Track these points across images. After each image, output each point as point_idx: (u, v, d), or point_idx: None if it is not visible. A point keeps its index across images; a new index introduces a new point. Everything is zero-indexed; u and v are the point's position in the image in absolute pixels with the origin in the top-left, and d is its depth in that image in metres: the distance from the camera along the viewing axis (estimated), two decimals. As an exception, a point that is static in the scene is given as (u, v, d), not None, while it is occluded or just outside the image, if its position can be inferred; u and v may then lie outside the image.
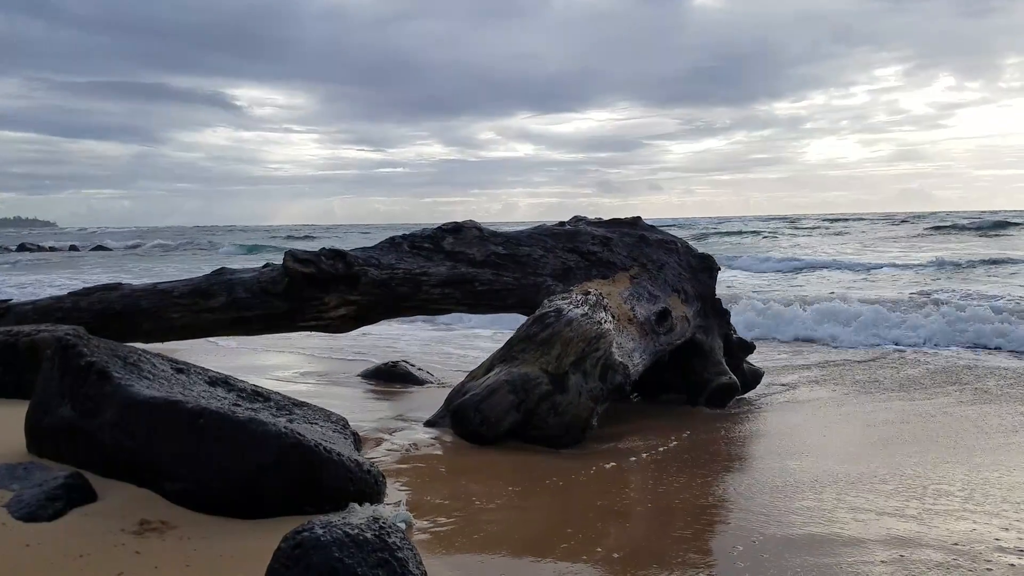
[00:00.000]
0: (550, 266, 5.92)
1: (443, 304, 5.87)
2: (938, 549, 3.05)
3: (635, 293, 5.78)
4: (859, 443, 4.78)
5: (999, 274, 17.05)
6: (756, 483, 4.06)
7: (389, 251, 5.78)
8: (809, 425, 5.32)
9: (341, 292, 5.56)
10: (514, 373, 4.69)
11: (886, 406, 5.89)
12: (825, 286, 15.79)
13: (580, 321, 4.95)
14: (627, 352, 5.14)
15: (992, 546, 3.08)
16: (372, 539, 2.41)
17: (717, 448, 4.89)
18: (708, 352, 5.95)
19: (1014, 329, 8.69)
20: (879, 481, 4.00)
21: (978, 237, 30.41)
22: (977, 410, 5.68)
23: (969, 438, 4.89)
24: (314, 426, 3.70)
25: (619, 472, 4.31)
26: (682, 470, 4.35)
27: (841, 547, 3.09)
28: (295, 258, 5.43)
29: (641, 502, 3.93)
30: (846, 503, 3.67)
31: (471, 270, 5.80)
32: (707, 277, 6.24)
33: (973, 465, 4.28)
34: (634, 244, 6.22)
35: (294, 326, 5.71)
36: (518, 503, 3.63)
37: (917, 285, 15.12)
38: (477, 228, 6.06)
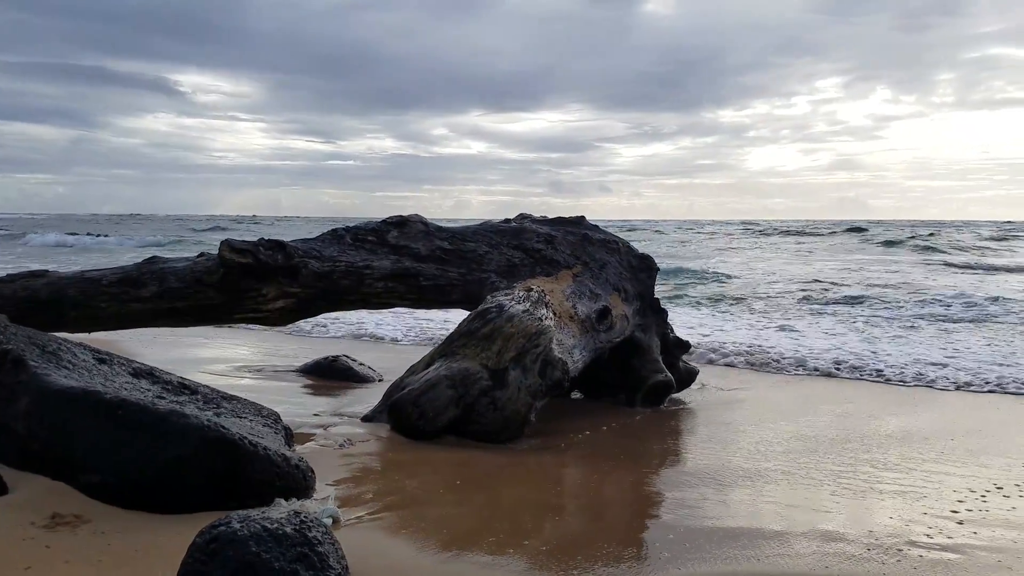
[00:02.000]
0: (495, 262, 5.91)
1: (386, 298, 5.81)
2: (854, 543, 3.13)
3: (577, 291, 5.81)
4: (787, 441, 4.88)
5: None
6: (685, 478, 4.11)
7: (331, 243, 5.70)
8: (740, 423, 5.41)
9: (280, 284, 5.47)
10: (454, 368, 4.67)
11: (815, 407, 6.01)
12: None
13: (521, 317, 4.95)
14: (567, 349, 5.16)
15: (905, 540, 3.17)
16: (292, 533, 2.38)
17: (650, 444, 4.95)
18: (646, 350, 6.00)
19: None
20: (803, 477, 4.09)
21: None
22: (899, 417, 5.85)
23: (893, 440, 5.02)
24: (242, 420, 3.63)
25: (554, 467, 4.33)
26: (615, 466, 4.39)
27: (762, 540, 3.15)
28: (231, 248, 5.32)
29: (573, 497, 3.95)
30: (770, 498, 3.75)
31: (416, 264, 5.76)
32: (647, 277, 6.30)
33: (891, 464, 4.40)
34: (578, 243, 6.25)
35: (230, 318, 5.61)
36: (451, 498, 3.61)
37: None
38: (423, 222, 6.02)
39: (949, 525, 3.39)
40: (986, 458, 4.53)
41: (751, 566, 2.90)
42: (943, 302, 12.61)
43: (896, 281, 17.39)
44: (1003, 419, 5.69)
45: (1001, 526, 3.40)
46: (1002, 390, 6.56)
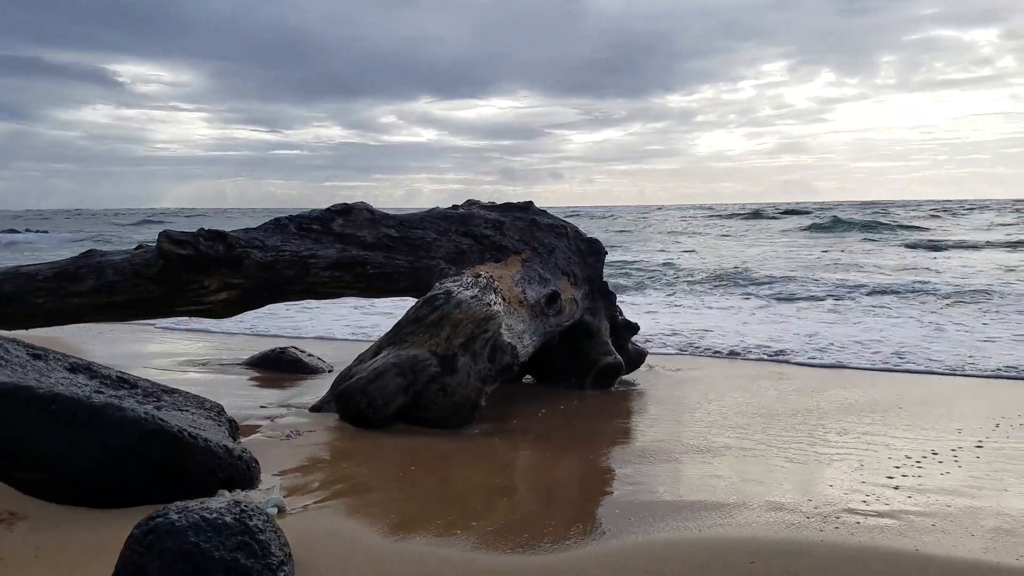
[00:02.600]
0: (443, 249, 5.89)
1: (333, 287, 5.75)
2: (793, 511, 3.20)
3: (526, 276, 5.82)
4: (733, 417, 4.97)
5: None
6: (634, 456, 4.17)
7: (274, 232, 5.62)
8: (687, 402, 5.49)
9: (222, 275, 5.38)
10: (402, 355, 4.65)
11: (760, 385, 6.13)
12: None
13: (470, 303, 4.94)
14: (517, 334, 5.17)
15: (843, 507, 3.26)
16: (232, 523, 2.36)
17: (600, 425, 4.99)
18: (595, 333, 6.05)
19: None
20: (747, 451, 4.18)
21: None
22: (838, 393, 6.01)
23: (835, 413, 5.15)
24: (184, 413, 3.57)
25: (505, 451, 4.35)
26: (566, 447, 4.43)
27: (704, 511, 3.21)
28: (170, 239, 5.21)
29: (523, 479, 3.98)
30: (715, 472, 3.82)
31: (362, 253, 5.70)
32: (595, 261, 6.34)
33: (832, 435, 4.52)
34: (526, 228, 6.26)
35: (171, 311, 5.50)
36: (400, 484, 3.60)
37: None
38: (369, 210, 5.96)
39: (886, 492, 3.49)
40: (924, 427, 4.68)
41: (690, 535, 2.96)
42: (875, 285, 12.95)
43: (833, 262, 17.82)
44: (940, 391, 5.87)
45: (935, 492, 3.51)
46: (928, 371, 6.78)
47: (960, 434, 4.52)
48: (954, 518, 3.17)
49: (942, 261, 17.87)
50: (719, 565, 2.69)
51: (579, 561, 2.74)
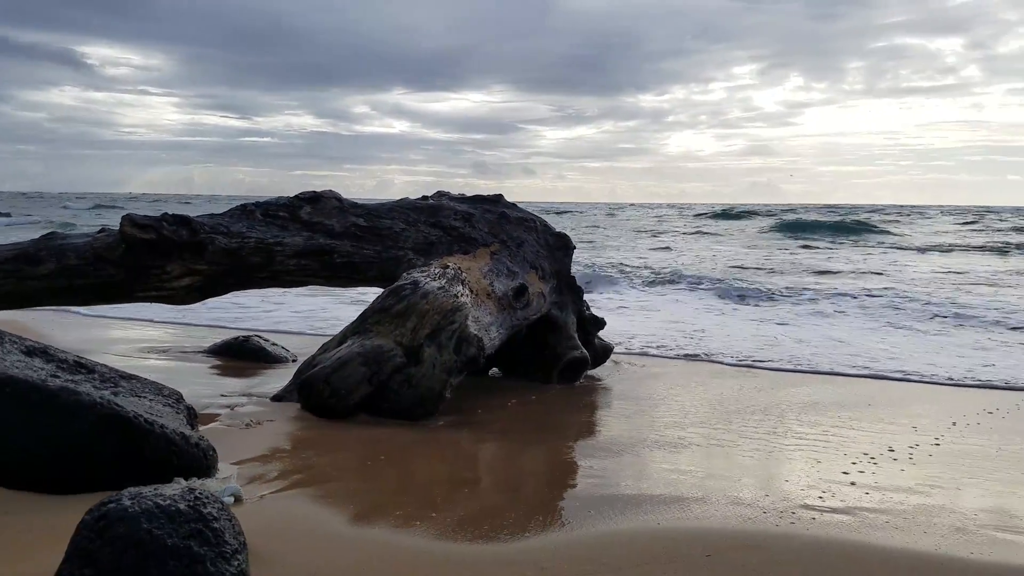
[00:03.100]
0: (412, 240, 5.86)
1: (299, 276, 5.70)
2: (750, 506, 3.24)
3: (495, 269, 5.81)
4: (696, 413, 5.01)
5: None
6: (598, 450, 4.19)
7: (240, 219, 5.55)
8: (652, 397, 5.53)
9: (185, 261, 5.30)
10: (367, 345, 4.62)
11: (723, 383, 6.19)
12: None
13: (436, 294, 4.93)
14: (484, 326, 5.16)
15: (799, 503, 3.30)
16: (185, 510, 2.32)
17: (565, 419, 5.01)
18: (562, 327, 6.06)
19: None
20: (709, 447, 4.23)
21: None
22: (799, 392, 6.09)
23: (794, 413, 5.22)
24: (141, 399, 3.50)
25: (469, 443, 4.35)
26: (530, 440, 4.43)
27: (663, 505, 3.24)
28: (133, 223, 5.12)
29: (487, 471, 3.98)
30: (676, 466, 3.86)
31: (330, 241, 5.65)
32: (563, 255, 6.35)
33: (792, 432, 4.58)
34: (495, 221, 6.24)
35: (132, 296, 5.40)
36: (361, 474, 3.59)
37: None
38: (337, 199, 5.91)
39: (843, 488, 3.54)
40: (882, 426, 4.75)
41: (648, 528, 2.99)
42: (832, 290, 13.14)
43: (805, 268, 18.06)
44: (899, 394, 5.97)
45: (890, 488, 3.57)
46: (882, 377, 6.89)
47: (917, 432, 4.60)
48: (908, 515, 3.23)
49: (904, 266, 18.18)
50: (676, 557, 2.71)
51: (536, 552, 2.74)
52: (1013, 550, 2.92)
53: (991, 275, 15.51)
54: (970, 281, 14.07)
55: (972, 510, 3.33)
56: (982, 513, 3.29)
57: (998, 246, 23.37)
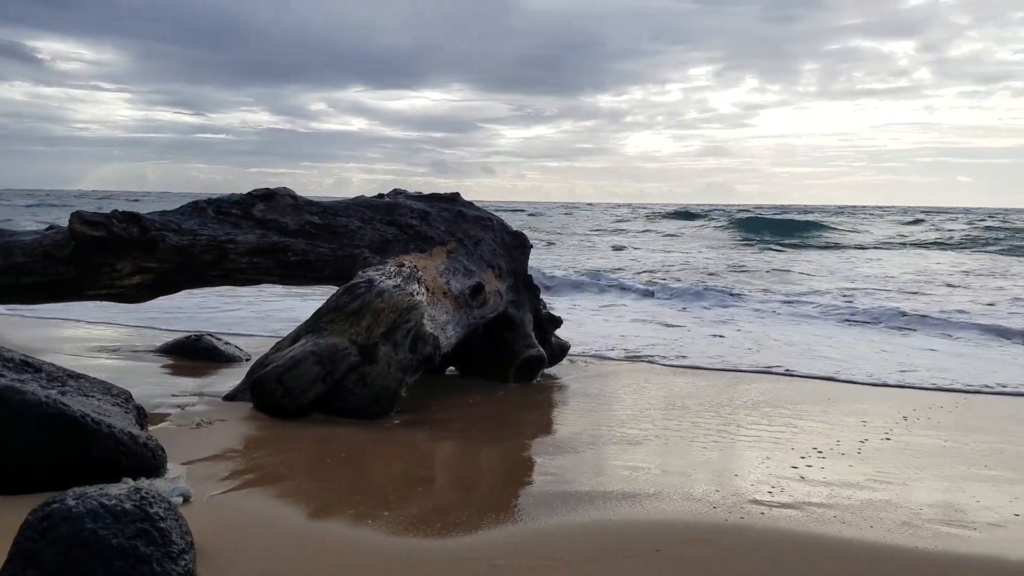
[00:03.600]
0: (368, 238, 5.82)
1: (252, 274, 5.63)
2: (700, 501, 3.30)
3: (451, 267, 5.81)
4: (651, 410, 5.07)
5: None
6: (553, 448, 4.21)
7: (191, 216, 5.46)
8: (608, 395, 5.58)
9: (136, 258, 5.21)
10: (321, 344, 4.59)
11: (676, 381, 6.27)
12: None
13: (392, 292, 4.91)
14: (440, 324, 5.16)
15: (749, 498, 3.36)
16: (131, 510, 2.29)
17: (522, 417, 5.04)
18: (519, 326, 6.08)
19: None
20: (664, 443, 4.28)
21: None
22: (755, 387, 6.20)
23: (746, 410, 5.31)
24: (89, 399, 3.44)
25: (425, 442, 4.34)
26: (487, 439, 4.44)
27: (615, 500, 3.28)
28: (83, 220, 5.01)
29: (442, 469, 3.98)
30: (630, 462, 3.90)
31: (284, 239, 5.59)
32: (520, 254, 6.37)
33: (744, 428, 4.66)
34: (452, 219, 6.24)
35: (82, 295, 5.29)
36: (313, 474, 3.56)
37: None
38: (291, 196, 5.85)
39: (791, 483, 3.61)
40: (830, 422, 4.86)
41: (599, 523, 3.03)
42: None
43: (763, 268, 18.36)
44: (847, 392, 6.11)
45: (838, 483, 3.65)
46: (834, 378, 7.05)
47: (866, 428, 4.71)
48: (855, 509, 3.30)
49: (860, 264, 18.59)
50: (627, 553, 2.75)
51: (489, 548, 2.76)
52: (958, 543, 3.01)
53: (936, 275, 15.94)
54: (918, 281, 14.44)
55: (918, 504, 3.42)
56: (927, 507, 3.38)
57: (950, 244, 24.01)
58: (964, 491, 3.64)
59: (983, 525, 3.18)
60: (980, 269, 17.73)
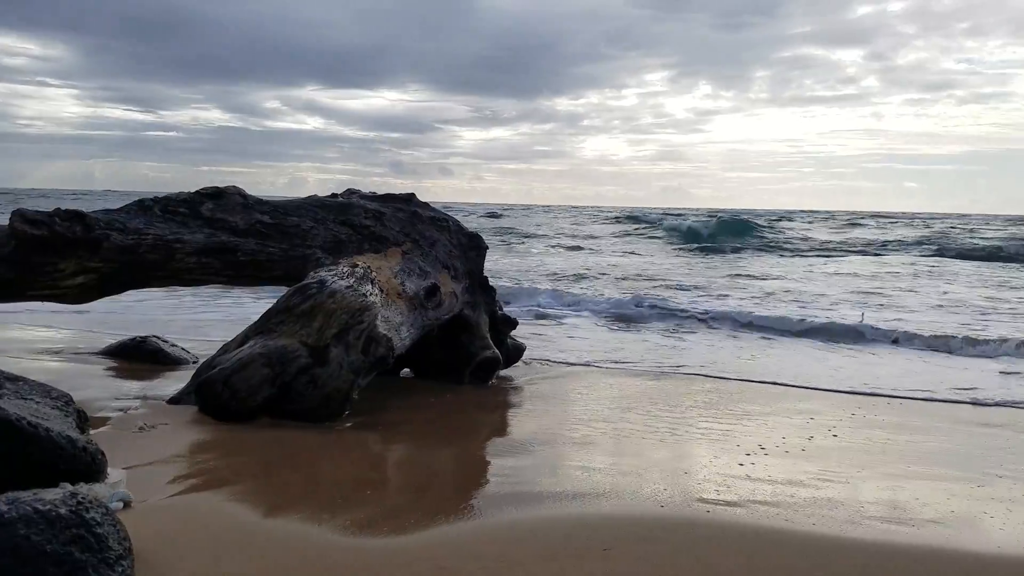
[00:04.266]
0: (320, 238, 5.75)
1: (200, 275, 5.52)
2: (648, 500, 3.33)
3: (406, 268, 5.77)
4: (604, 411, 5.11)
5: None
6: (507, 449, 4.22)
7: (137, 215, 5.34)
8: (563, 396, 5.61)
9: (80, 258, 5.06)
10: (270, 346, 4.51)
11: (632, 383, 6.33)
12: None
13: (344, 293, 4.86)
14: (394, 326, 5.12)
15: (696, 496, 3.40)
16: (66, 515, 2.22)
17: (477, 419, 5.03)
18: (475, 327, 6.07)
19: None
20: (616, 442, 4.32)
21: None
22: (704, 388, 6.29)
23: (696, 410, 5.38)
24: (27, 401, 3.33)
25: (377, 444, 4.31)
26: (441, 441, 4.43)
27: (566, 499, 3.31)
28: (24, 218, 4.87)
29: (392, 471, 3.96)
30: (583, 462, 3.92)
31: (233, 239, 5.49)
32: (476, 255, 6.36)
33: (694, 426, 4.71)
34: (407, 220, 6.20)
35: (23, 295, 5.13)
36: (261, 478, 3.50)
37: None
38: (241, 195, 5.75)
39: (737, 481, 3.66)
40: (777, 421, 4.94)
41: (548, 523, 3.04)
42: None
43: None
44: (795, 395, 6.22)
45: (783, 482, 3.71)
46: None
47: (810, 427, 4.80)
48: (799, 507, 3.36)
49: (814, 268, 18.94)
50: (576, 552, 2.76)
51: (437, 550, 2.74)
52: (898, 536, 3.08)
53: (873, 281, 16.32)
54: (861, 290, 14.75)
55: (861, 501, 3.49)
56: (869, 505, 3.45)
57: (893, 250, 24.54)
58: (905, 488, 3.73)
59: (922, 522, 3.26)
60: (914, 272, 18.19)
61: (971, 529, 3.23)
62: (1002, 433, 4.96)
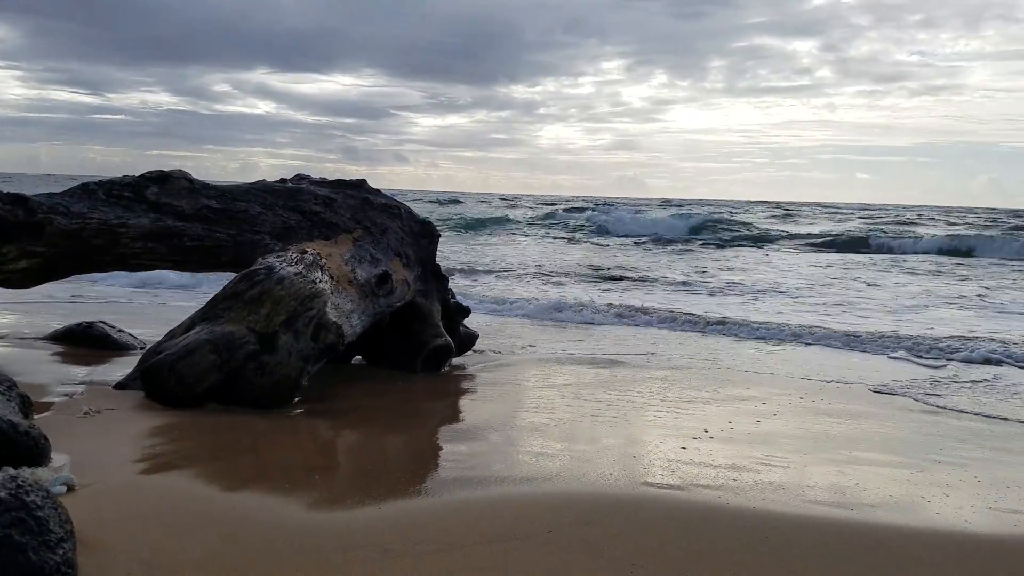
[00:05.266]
0: (269, 224, 5.71)
1: (146, 260, 5.44)
2: (596, 484, 3.40)
3: (357, 255, 5.75)
4: (554, 396, 5.18)
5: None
6: (454, 435, 4.26)
7: (81, 199, 5.23)
8: (514, 383, 5.67)
9: (22, 242, 4.96)
10: (216, 332, 4.48)
11: (585, 371, 6.41)
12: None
13: (293, 280, 4.83)
14: (345, 313, 5.11)
15: (639, 480, 3.49)
16: (6, 498, 2.21)
17: (428, 406, 5.06)
18: (427, 315, 6.08)
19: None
20: (565, 429, 4.37)
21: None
22: (657, 375, 6.41)
23: (648, 395, 5.48)
24: (-35, 386, 3.28)
25: (327, 431, 4.31)
26: (390, 428, 4.45)
27: (512, 484, 3.38)
28: (-39, 201, 4.74)
29: (341, 457, 3.97)
30: (528, 448, 3.98)
31: (179, 224, 5.42)
32: (428, 243, 6.37)
33: (645, 407, 4.81)
34: (358, 207, 6.18)
35: (-37, 280, 5.01)
36: (206, 463, 3.48)
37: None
38: (187, 179, 5.67)
39: (681, 466, 3.76)
40: (726, 404, 5.07)
41: (494, 505, 3.10)
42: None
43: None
44: (743, 381, 6.37)
45: (726, 466, 3.80)
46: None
47: (756, 412, 4.93)
48: (740, 490, 3.45)
49: (764, 261, 19.30)
50: (519, 535, 2.81)
51: (382, 533, 2.76)
52: (840, 513, 3.20)
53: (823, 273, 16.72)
54: (807, 280, 15.08)
55: (802, 485, 3.59)
56: (809, 489, 3.55)
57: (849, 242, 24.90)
58: (847, 474, 3.85)
59: (861, 506, 3.37)
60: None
61: (911, 513, 3.34)
62: (945, 420, 5.11)
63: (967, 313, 10.48)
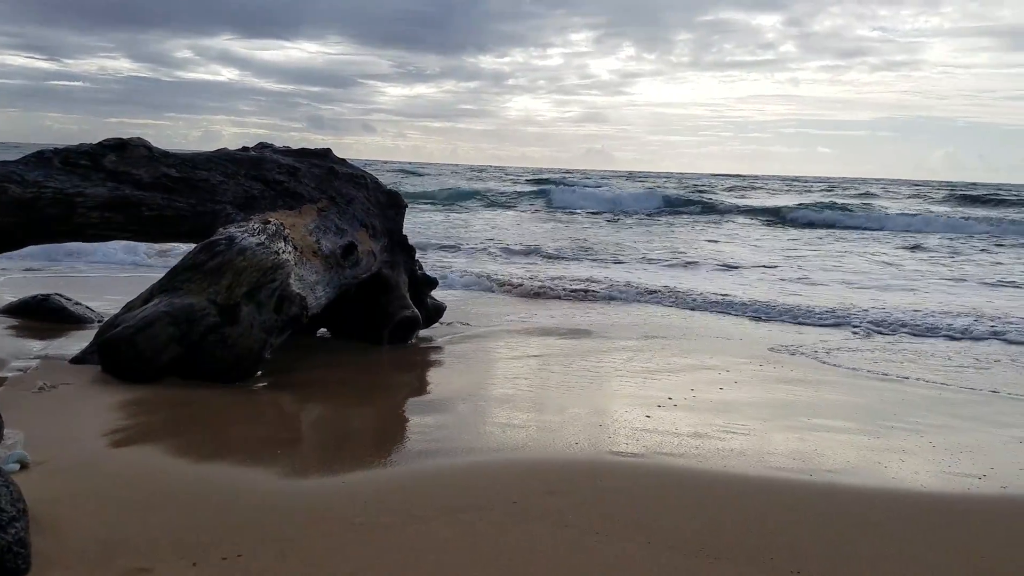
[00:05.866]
0: (231, 193, 5.58)
1: (103, 230, 5.30)
2: (562, 453, 3.41)
3: (322, 226, 5.66)
4: (521, 367, 5.18)
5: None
6: (420, 407, 4.26)
7: (36, 167, 5.07)
8: (482, 355, 5.65)
9: (-29, 212, 4.80)
10: (176, 304, 4.38)
11: (552, 342, 6.42)
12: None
13: (255, 250, 4.74)
14: (309, 284, 5.04)
15: (604, 449, 3.50)
16: (-47, 477, 2.13)
17: (394, 379, 5.03)
18: (394, 287, 6.02)
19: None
20: (532, 400, 4.38)
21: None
22: (623, 345, 6.43)
23: (619, 363, 5.50)
24: (-89, 360, 3.17)
25: (291, 404, 4.27)
26: (352, 400, 4.41)
27: (478, 454, 3.37)
28: (-95, 169, 4.57)
29: (305, 430, 3.94)
30: (494, 419, 3.98)
31: (137, 193, 5.28)
32: (395, 214, 6.28)
33: (610, 376, 4.83)
34: (323, 176, 6.07)
35: (-90, 251, 4.84)
36: (165, 439, 3.41)
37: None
38: (146, 147, 5.52)
39: (645, 435, 3.77)
40: (689, 373, 5.10)
41: (459, 475, 3.10)
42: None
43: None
44: (707, 347, 6.42)
45: (688, 434, 3.83)
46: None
47: (719, 378, 4.97)
48: (703, 457, 3.49)
49: (734, 235, 19.44)
50: (485, 505, 2.80)
51: (348, 506, 2.74)
52: (800, 476, 3.25)
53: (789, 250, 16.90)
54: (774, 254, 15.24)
55: (763, 452, 3.64)
56: (771, 455, 3.59)
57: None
58: (807, 440, 3.90)
59: (821, 471, 3.42)
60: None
61: (869, 478, 3.40)
62: (902, 388, 5.20)
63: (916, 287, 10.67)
